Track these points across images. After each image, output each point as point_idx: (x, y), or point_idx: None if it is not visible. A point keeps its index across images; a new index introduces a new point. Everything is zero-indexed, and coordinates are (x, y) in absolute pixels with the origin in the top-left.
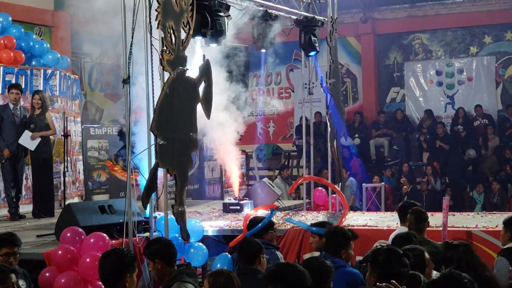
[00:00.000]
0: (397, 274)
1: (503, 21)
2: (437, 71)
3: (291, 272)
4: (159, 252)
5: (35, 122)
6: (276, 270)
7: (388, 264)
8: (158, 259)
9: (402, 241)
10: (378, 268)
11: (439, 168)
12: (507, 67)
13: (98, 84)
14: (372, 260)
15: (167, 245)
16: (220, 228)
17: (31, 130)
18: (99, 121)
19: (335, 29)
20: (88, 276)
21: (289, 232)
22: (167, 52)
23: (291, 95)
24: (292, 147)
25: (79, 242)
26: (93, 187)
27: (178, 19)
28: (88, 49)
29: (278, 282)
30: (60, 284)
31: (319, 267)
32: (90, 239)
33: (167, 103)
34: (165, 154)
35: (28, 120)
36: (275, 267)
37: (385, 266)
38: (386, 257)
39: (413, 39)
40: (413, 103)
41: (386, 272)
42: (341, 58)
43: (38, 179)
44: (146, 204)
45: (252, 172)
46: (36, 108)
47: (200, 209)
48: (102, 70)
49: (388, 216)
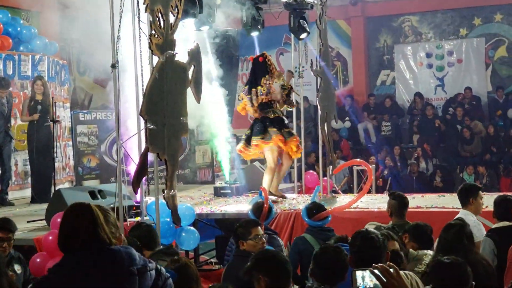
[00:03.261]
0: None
1: (493, 2)
2: (427, 53)
3: (276, 260)
4: (139, 237)
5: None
6: (261, 258)
7: (363, 247)
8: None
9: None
10: (354, 250)
11: (429, 150)
12: (496, 49)
13: (87, 69)
14: (350, 243)
15: (147, 230)
16: (211, 212)
17: (37, 112)
18: (88, 107)
19: (325, 12)
20: None
21: (280, 215)
22: (156, 36)
23: None
24: None
25: None
26: (83, 173)
27: (167, 2)
28: (76, 34)
29: (262, 270)
30: None
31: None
32: None
33: (157, 87)
34: (155, 139)
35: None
36: (260, 255)
37: (361, 249)
38: (362, 241)
39: (403, 22)
40: (403, 85)
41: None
42: (331, 41)
43: (38, 164)
44: (136, 189)
45: None
46: (38, 93)
47: (192, 194)
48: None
49: (379, 198)
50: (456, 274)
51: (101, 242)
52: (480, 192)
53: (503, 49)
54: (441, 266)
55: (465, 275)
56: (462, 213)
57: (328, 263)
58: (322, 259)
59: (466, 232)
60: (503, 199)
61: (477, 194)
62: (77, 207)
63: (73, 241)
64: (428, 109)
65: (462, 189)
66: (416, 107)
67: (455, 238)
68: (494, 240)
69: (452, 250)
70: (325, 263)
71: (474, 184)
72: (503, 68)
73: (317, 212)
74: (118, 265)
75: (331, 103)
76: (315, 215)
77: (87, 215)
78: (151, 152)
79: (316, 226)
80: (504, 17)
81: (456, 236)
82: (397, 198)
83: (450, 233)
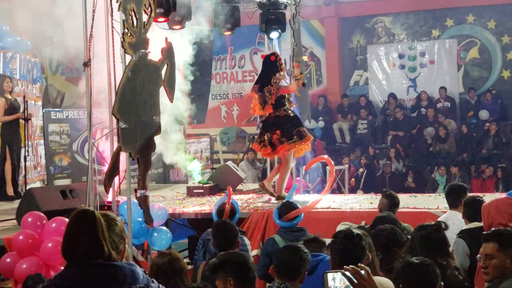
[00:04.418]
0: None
1: (465, 4)
2: (400, 54)
3: (240, 260)
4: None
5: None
6: (225, 259)
7: (344, 248)
8: None
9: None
10: (335, 252)
11: (402, 150)
12: (468, 50)
13: (59, 68)
14: (330, 245)
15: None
16: (184, 211)
17: (18, 111)
18: (60, 105)
19: (298, 12)
20: (50, 261)
21: (253, 215)
22: (129, 35)
23: (255, 78)
24: (256, 130)
25: (40, 227)
26: (55, 172)
27: (140, 1)
28: (48, 31)
29: (227, 270)
30: (22, 270)
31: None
32: (52, 224)
33: (129, 86)
34: (127, 138)
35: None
36: (224, 256)
37: (343, 251)
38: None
39: (376, 22)
40: (376, 86)
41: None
42: (305, 41)
43: (8, 162)
44: (108, 189)
45: (217, 156)
46: (7, 91)
47: (164, 193)
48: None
49: (352, 198)
50: (424, 274)
51: (100, 254)
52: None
53: (475, 50)
54: (409, 267)
55: (434, 275)
56: (452, 214)
57: (286, 261)
58: (280, 257)
59: (438, 235)
60: (473, 200)
61: (466, 195)
62: (80, 215)
63: (73, 250)
64: (400, 110)
65: (451, 190)
66: (390, 107)
67: (426, 239)
68: (466, 241)
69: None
70: (283, 261)
71: (462, 185)
72: (475, 69)
73: (286, 213)
74: (119, 282)
75: (305, 103)
76: (284, 216)
77: (88, 223)
78: (123, 151)
79: (286, 226)
80: (476, 18)
81: (427, 237)
82: (388, 197)
83: (422, 234)
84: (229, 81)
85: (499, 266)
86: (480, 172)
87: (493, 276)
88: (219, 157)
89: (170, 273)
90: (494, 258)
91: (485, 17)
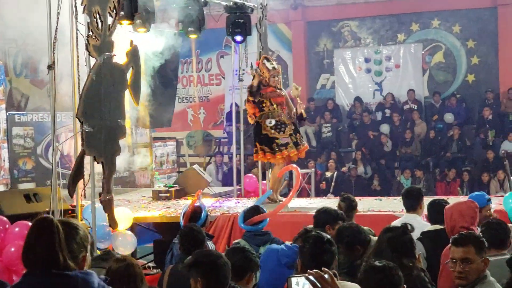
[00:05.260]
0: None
1: (430, 8)
2: (366, 58)
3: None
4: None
5: None
6: (198, 258)
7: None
8: None
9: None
10: (305, 256)
11: (367, 154)
12: (433, 54)
13: (24, 70)
14: (300, 248)
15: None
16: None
17: None
18: (24, 108)
19: (265, 15)
20: (13, 265)
21: (219, 219)
22: (93, 38)
23: (222, 81)
24: (223, 134)
25: (3, 231)
26: (19, 175)
27: (105, 4)
28: (13, 34)
29: (197, 271)
30: None
31: None
32: (15, 228)
33: (94, 89)
34: (91, 142)
35: None
36: (195, 255)
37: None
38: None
39: (342, 27)
40: (342, 90)
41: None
42: (272, 44)
43: None
44: (72, 193)
45: (183, 159)
46: None
47: (129, 197)
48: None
49: (317, 201)
50: (387, 277)
51: (56, 263)
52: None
53: (440, 54)
54: (373, 270)
55: (396, 278)
56: (410, 217)
57: (232, 261)
58: (227, 258)
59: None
60: (436, 203)
61: (423, 198)
62: (39, 222)
63: (31, 258)
64: (366, 114)
65: (409, 193)
66: (356, 111)
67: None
68: (423, 243)
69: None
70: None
71: (419, 188)
72: (439, 73)
73: (250, 217)
74: None
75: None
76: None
77: (46, 232)
78: (87, 155)
79: (250, 230)
80: (441, 23)
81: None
82: (346, 200)
83: (389, 236)
84: (196, 84)
85: (477, 270)
86: (444, 175)
87: (470, 280)
88: (185, 160)
89: (125, 278)
90: (473, 263)
91: (450, 22)
